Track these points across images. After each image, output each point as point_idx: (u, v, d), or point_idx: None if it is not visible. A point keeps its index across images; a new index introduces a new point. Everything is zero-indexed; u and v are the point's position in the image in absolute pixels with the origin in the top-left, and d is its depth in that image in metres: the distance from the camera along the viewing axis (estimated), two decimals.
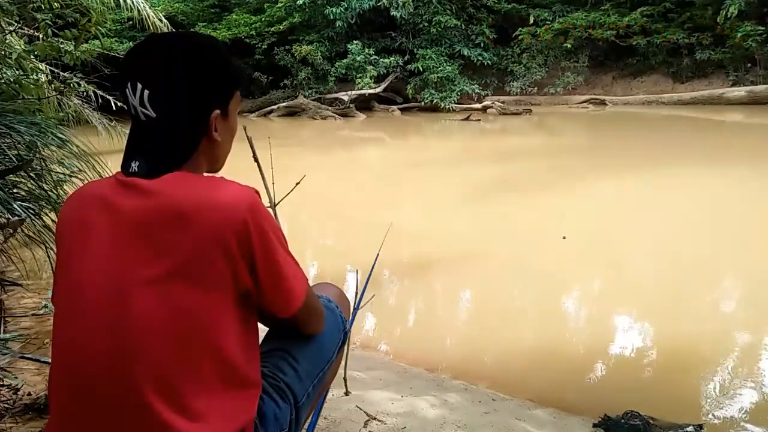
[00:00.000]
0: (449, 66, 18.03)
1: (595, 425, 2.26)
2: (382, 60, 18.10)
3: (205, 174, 1.09)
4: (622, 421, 2.25)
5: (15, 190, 2.66)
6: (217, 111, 1.06)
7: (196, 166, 1.06)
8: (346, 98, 17.49)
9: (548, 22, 18.32)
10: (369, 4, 17.73)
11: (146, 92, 0.99)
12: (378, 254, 2.03)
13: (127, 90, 1.01)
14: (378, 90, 18.04)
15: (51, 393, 1.02)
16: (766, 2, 15.76)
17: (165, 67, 1.01)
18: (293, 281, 1.06)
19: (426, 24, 18.49)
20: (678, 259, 4.47)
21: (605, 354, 3.10)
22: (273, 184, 2.15)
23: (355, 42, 18.07)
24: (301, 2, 17.94)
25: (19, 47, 3.17)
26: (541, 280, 4.19)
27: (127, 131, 1.06)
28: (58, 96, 4.06)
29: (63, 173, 2.92)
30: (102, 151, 3.64)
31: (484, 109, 17.26)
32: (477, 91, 18.18)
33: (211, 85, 1.06)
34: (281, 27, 18.94)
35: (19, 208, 2.45)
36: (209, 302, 0.96)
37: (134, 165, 1.00)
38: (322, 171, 8.58)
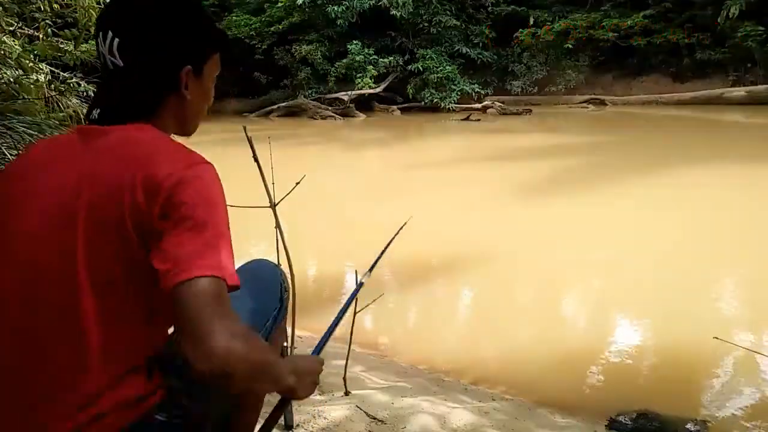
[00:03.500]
0: (449, 66, 18.03)
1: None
2: (382, 60, 18.10)
3: (173, 136, 1.06)
4: (630, 422, 2.25)
5: None
6: (189, 67, 1.05)
7: (164, 126, 1.04)
8: (346, 98, 17.48)
9: (548, 23, 18.32)
10: (369, 4, 17.72)
11: (116, 41, 1.00)
12: (390, 242, 1.85)
13: (98, 38, 1.01)
14: (378, 90, 18.04)
15: None
16: (767, 2, 15.75)
17: (137, 17, 1.02)
18: (194, 254, 0.86)
19: (426, 24, 18.48)
20: (678, 259, 4.46)
21: (607, 355, 3.09)
22: (273, 184, 2.14)
23: (354, 42, 18.06)
24: (300, 2, 17.94)
25: (19, 47, 3.17)
26: (541, 280, 4.19)
27: None
28: (58, 96, 4.06)
29: None
30: None
31: (484, 109, 17.26)
32: (477, 90, 18.18)
33: (184, 40, 1.05)
34: (281, 27, 18.94)
35: None
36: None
37: (95, 112, 1.01)
38: (322, 171, 8.57)
